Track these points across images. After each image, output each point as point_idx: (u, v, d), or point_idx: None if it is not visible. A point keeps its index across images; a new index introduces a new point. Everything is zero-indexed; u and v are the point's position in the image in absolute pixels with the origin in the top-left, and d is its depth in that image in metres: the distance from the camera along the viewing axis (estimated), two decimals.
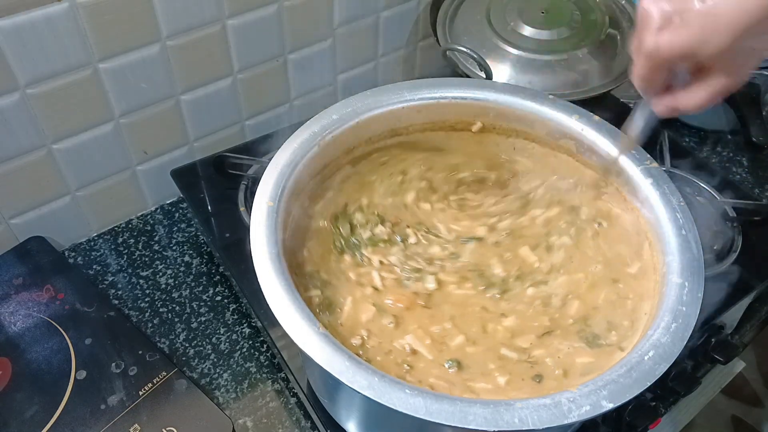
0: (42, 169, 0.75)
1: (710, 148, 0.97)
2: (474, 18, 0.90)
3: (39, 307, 0.73)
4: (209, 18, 0.76)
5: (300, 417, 0.67)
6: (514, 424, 0.42)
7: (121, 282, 0.80)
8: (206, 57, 0.79)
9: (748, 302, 0.81)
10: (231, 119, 0.88)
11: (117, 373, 0.67)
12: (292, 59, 0.88)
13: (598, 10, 0.89)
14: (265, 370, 0.71)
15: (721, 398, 1.17)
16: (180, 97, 0.81)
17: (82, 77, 0.71)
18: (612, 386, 0.44)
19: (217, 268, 0.82)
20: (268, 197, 0.55)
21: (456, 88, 0.66)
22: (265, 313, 0.68)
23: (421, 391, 0.43)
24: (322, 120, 0.62)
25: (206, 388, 0.70)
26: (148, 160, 0.84)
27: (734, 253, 0.75)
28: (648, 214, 0.58)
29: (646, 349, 0.46)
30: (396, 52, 1.00)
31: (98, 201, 0.83)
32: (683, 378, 0.74)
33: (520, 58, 0.85)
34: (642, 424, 0.70)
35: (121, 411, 0.64)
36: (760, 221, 0.79)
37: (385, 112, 0.64)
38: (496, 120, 0.67)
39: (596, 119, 0.63)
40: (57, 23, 0.65)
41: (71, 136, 0.75)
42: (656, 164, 0.59)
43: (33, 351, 0.69)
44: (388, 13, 0.93)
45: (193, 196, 0.81)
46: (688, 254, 0.52)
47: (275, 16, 0.81)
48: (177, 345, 0.73)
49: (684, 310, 0.48)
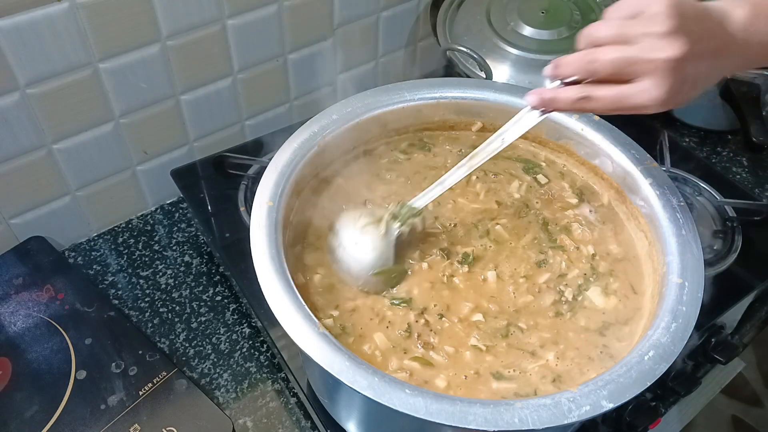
0: (42, 169, 0.75)
1: (710, 148, 0.97)
2: (474, 18, 0.90)
3: (39, 307, 0.73)
4: (209, 18, 0.76)
5: (300, 417, 0.67)
6: (514, 424, 0.42)
7: (121, 282, 0.80)
8: (206, 57, 0.79)
9: (748, 302, 0.81)
10: (231, 119, 0.88)
11: (117, 373, 0.67)
12: (292, 59, 0.88)
13: (598, 10, 0.89)
14: (265, 370, 0.71)
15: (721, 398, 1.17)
16: (180, 97, 0.81)
17: (82, 77, 0.71)
18: (612, 386, 0.44)
19: (217, 268, 0.82)
20: (268, 197, 0.55)
21: (456, 88, 0.66)
22: (265, 313, 0.68)
23: (421, 391, 0.43)
24: (322, 120, 0.62)
25: (206, 388, 0.70)
26: (148, 160, 0.84)
27: (734, 253, 0.75)
28: (648, 214, 0.58)
29: (646, 349, 0.46)
30: (396, 52, 1.00)
31: (98, 201, 0.83)
32: (683, 378, 0.74)
33: (520, 58, 0.85)
34: (642, 424, 0.70)
35: (121, 411, 0.64)
36: (760, 221, 0.79)
37: (385, 112, 0.65)
38: (496, 120, 0.67)
39: (596, 119, 0.63)
40: (57, 23, 0.65)
41: (71, 136, 0.75)
42: (656, 164, 0.59)
43: (33, 351, 0.69)
44: (388, 13, 0.93)
45: (193, 196, 0.81)
46: (688, 254, 0.52)
47: (275, 16, 0.81)
48: (177, 345, 0.73)
49: (684, 310, 0.48)
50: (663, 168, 0.73)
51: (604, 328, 0.54)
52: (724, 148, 0.97)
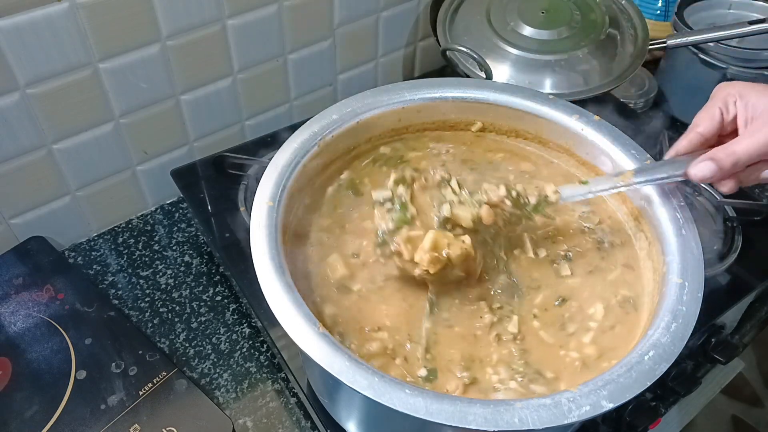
0: (42, 169, 0.75)
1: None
2: (474, 18, 0.90)
3: (39, 307, 0.73)
4: (209, 18, 0.76)
5: (300, 417, 0.67)
6: (514, 424, 0.42)
7: (121, 282, 0.80)
8: (206, 57, 0.79)
9: (748, 302, 0.81)
10: (231, 119, 0.88)
11: (117, 373, 0.67)
12: (292, 59, 0.88)
13: (598, 10, 0.89)
14: (265, 370, 0.71)
15: (721, 398, 1.17)
16: (180, 97, 0.81)
17: (82, 77, 0.71)
18: (612, 386, 0.44)
19: (217, 268, 0.82)
20: (268, 197, 0.55)
21: (456, 88, 0.66)
22: (265, 313, 0.68)
23: (421, 391, 0.43)
24: (322, 120, 0.62)
25: (206, 388, 0.70)
26: (148, 160, 0.84)
27: (734, 253, 0.75)
28: (648, 214, 0.58)
29: (646, 349, 0.46)
30: (396, 52, 1.00)
31: (98, 201, 0.83)
32: (683, 378, 0.74)
33: (520, 58, 0.85)
34: (642, 424, 0.70)
35: (121, 411, 0.64)
36: (760, 221, 0.79)
37: (385, 112, 0.64)
38: (496, 120, 0.67)
39: (596, 119, 0.63)
40: (57, 23, 0.65)
41: (71, 136, 0.75)
42: None
43: (33, 351, 0.69)
44: (388, 13, 0.93)
45: (193, 196, 0.81)
46: (688, 254, 0.52)
47: (275, 16, 0.81)
48: (177, 345, 0.73)
49: (684, 310, 0.48)
50: None
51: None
52: None
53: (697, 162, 0.52)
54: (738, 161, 0.50)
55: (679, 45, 0.88)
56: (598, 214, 0.63)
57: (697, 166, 0.51)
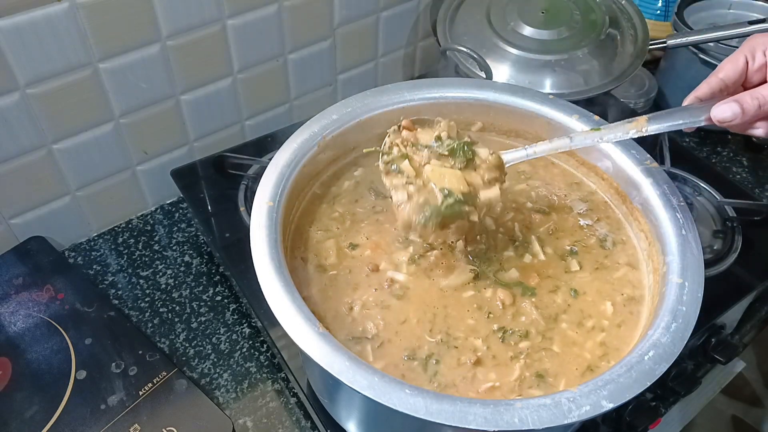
0: (42, 169, 0.75)
1: (710, 148, 0.97)
2: (474, 18, 0.90)
3: (39, 307, 0.73)
4: (209, 18, 0.76)
5: (300, 417, 0.67)
6: (514, 424, 0.42)
7: (121, 282, 0.80)
8: (206, 57, 0.79)
9: (748, 302, 0.81)
10: (231, 119, 0.88)
11: (117, 373, 0.67)
12: (292, 59, 0.88)
13: (598, 10, 0.89)
14: (265, 370, 0.71)
15: (721, 398, 1.17)
16: (180, 97, 0.81)
17: (82, 77, 0.71)
18: (612, 386, 0.44)
19: (217, 268, 0.82)
20: (268, 197, 0.55)
21: (456, 88, 0.66)
22: (265, 313, 0.68)
23: (421, 391, 0.43)
24: (322, 120, 0.62)
25: (206, 388, 0.70)
26: (148, 160, 0.84)
27: (734, 253, 0.75)
28: (648, 214, 0.58)
29: (646, 349, 0.46)
30: (396, 52, 1.00)
31: (98, 201, 0.83)
32: (683, 378, 0.74)
33: (520, 58, 0.85)
34: (642, 424, 0.70)
35: (121, 411, 0.64)
36: (760, 221, 0.79)
37: (385, 112, 0.64)
38: (496, 120, 0.67)
39: (596, 119, 0.63)
40: (57, 23, 0.65)
41: (71, 136, 0.75)
42: (656, 164, 0.59)
43: (33, 351, 0.69)
44: (388, 13, 0.93)
45: (193, 196, 0.81)
46: (688, 254, 0.52)
47: (275, 16, 0.81)
48: (177, 345, 0.73)
49: (684, 310, 0.48)
50: (663, 168, 0.73)
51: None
52: (724, 148, 0.97)
53: (722, 103, 0.50)
54: (764, 104, 0.49)
55: (679, 45, 0.88)
56: (597, 213, 0.63)
57: (720, 107, 0.50)
